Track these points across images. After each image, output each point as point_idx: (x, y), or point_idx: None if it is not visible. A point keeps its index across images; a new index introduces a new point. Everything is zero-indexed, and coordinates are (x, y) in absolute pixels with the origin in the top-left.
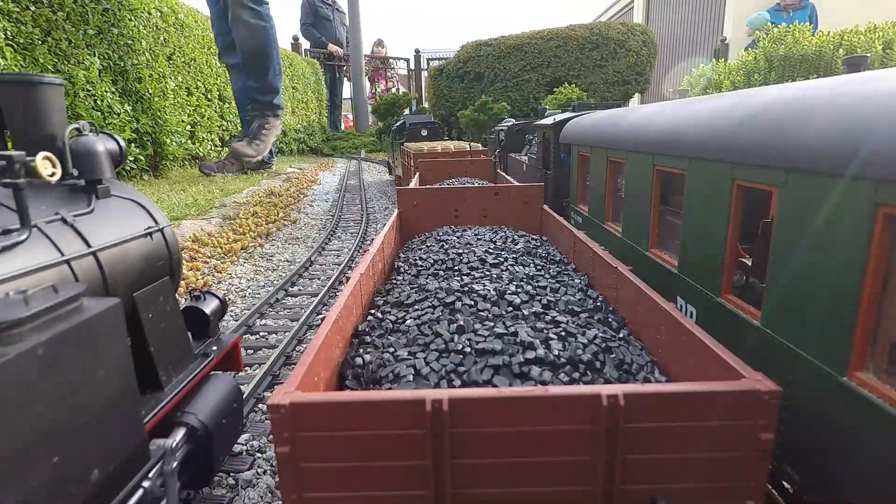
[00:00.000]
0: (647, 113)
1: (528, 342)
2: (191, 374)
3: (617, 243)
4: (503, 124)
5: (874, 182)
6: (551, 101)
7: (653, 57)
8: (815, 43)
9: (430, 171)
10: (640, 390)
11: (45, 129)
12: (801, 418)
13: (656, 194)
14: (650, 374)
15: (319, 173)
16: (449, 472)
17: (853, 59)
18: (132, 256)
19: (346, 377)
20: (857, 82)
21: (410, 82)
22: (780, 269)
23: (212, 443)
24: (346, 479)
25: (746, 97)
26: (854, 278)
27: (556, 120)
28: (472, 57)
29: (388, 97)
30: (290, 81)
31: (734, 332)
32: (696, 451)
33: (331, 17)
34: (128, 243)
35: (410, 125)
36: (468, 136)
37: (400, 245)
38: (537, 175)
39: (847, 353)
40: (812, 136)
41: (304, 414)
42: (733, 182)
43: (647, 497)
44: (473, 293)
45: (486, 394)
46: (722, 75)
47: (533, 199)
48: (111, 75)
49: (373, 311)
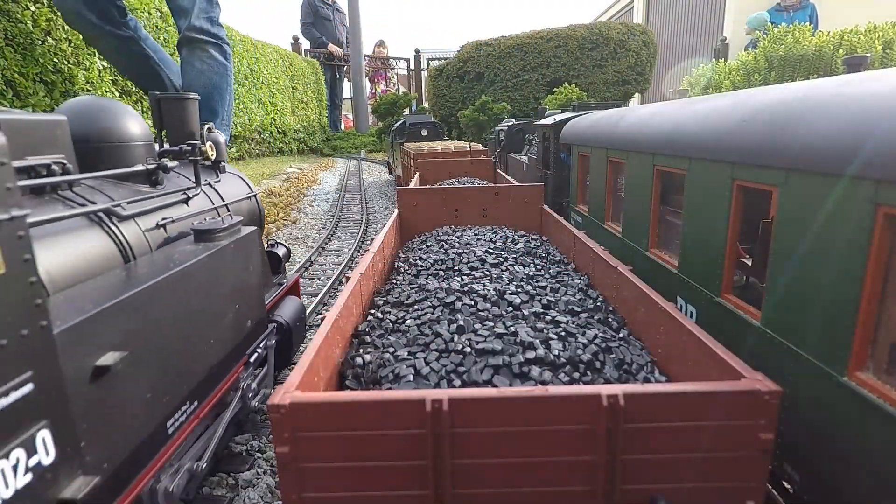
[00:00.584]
0: (647, 113)
1: (528, 342)
2: (273, 293)
3: (617, 243)
4: (503, 124)
5: (874, 182)
6: (551, 101)
7: (653, 57)
8: (815, 43)
9: (430, 171)
10: (640, 390)
11: (189, 128)
12: (801, 418)
13: (656, 194)
14: (650, 374)
15: (319, 173)
16: (449, 472)
17: (853, 59)
18: (242, 210)
19: (346, 377)
20: (857, 82)
21: (410, 82)
22: (780, 269)
23: (291, 336)
24: (346, 479)
25: (746, 97)
26: (854, 278)
27: (556, 120)
28: (472, 57)
29: (388, 97)
30: (290, 81)
31: (734, 332)
32: (696, 451)
33: (331, 17)
34: (240, 202)
35: (410, 125)
36: (468, 136)
37: (400, 245)
38: (537, 175)
39: (847, 353)
40: (812, 136)
41: (304, 414)
42: (733, 182)
43: (647, 497)
44: (473, 293)
45: (486, 394)
46: (722, 75)
47: (533, 199)
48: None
49: (373, 311)
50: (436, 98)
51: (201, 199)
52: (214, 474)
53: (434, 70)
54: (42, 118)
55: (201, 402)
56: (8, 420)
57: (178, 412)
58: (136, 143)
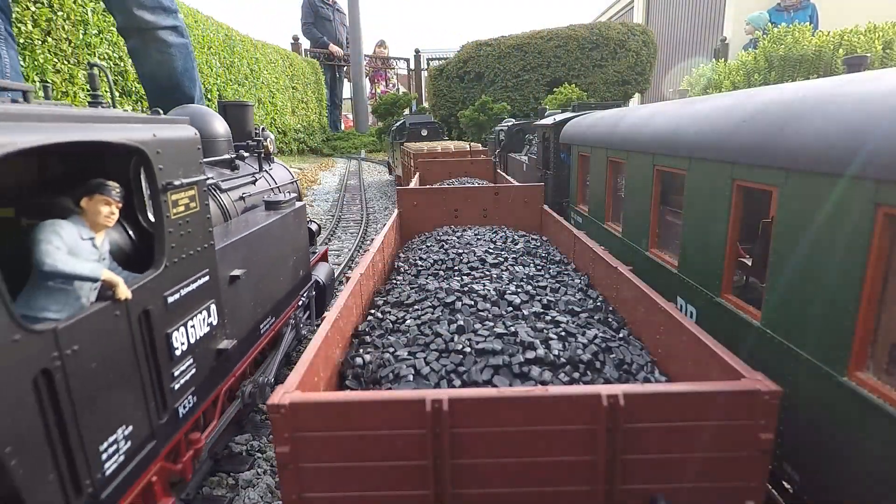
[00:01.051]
0: (647, 113)
1: (528, 342)
2: (312, 257)
3: (617, 243)
4: (503, 124)
5: (874, 182)
6: (551, 101)
7: (653, 57)
8: (815, 43)
9: (430, 171)
10: (640, 390)
11: (248, 128)
12: (801, 418)
13: (656, 194)
14: (650, 374)
15: (319, 173)
16: (449, 472)
17: (853, 59)
18: (288, 190)
19: (346, 377)
20: (857, 82)
21: (410, 82)
22: (780, 269)
23: (325, 293)
24: (346, 479)
25: (746, 97)
26: (854, 278)
27: (556, 120)
28: (472, 57)
29: (389, 97)
30: (290, 81)
31: (734, 332)
32: (696, 450)
33: (331, 18)
34: (287, 185)
35: (410, 125)
36: (468, 136)
37: (400, 245)
38: (537, 175)
39: (847, 353)
40: (812, 136)
41: (304, 414)
42: (733, 182)
43: (647, 497)
44: (473, 293)
45: (486, 394)
46: (722, 75)
47: (533, 199)
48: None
49: (373, 311)
50: (436, 98)
51: (263, 180)
52: (214, 474)
53: (434, 70)
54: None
55: (276, 319)
56: (199, 293)
57: (265, 320)
58: (222, 138)
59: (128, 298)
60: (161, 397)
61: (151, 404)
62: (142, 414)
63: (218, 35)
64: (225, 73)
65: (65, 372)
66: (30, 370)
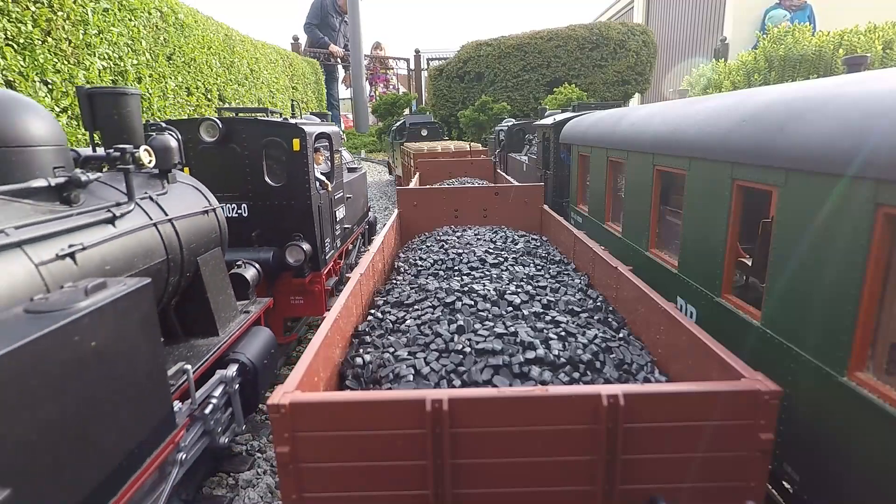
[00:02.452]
0: (646, 113)
1: (528, 342)
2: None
3: (617, 243)
4: (503, 124)
5: (874, 182)
6: (551, 101)
7: (653, 57)
8: (815, 43)
9: (430, 171)
10: (640, 390)
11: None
12: (801, 418)
13: (656, 194)
14: (650, 374)
15: None
16: (449, 472)
17: (853, 59)
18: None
19: (346, 377)
20: (857, 82)
21: (410, 82)
22: (780, 269)
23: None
24: (345, 479)
25: (746, 97)
26: (854, 278)
27: (556, 120)
28: (472, 57)
29: (389, 97)
30: (290, 81)
31: (734, 332)
32: (695, 450)
33: (336, 28)
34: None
35: (410, 125)
36: (468, 136)
37: (400, 245)
38: (537, 175)
39: (847, 353)
40: (812, 136)
41: (304, 414)
42: (733, 182)
43: (646, 497)
44: (473, 293)
45: (486, 394)
46: (722, 75)
47: (533, 199)
48: (112, 75)
49: (373, 311)
50: (436, 98)
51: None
52: (214, 474)
53: (434, 70)
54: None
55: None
56: (338, 201)
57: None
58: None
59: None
60: (333, 238)
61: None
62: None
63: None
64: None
65: None
66: None
